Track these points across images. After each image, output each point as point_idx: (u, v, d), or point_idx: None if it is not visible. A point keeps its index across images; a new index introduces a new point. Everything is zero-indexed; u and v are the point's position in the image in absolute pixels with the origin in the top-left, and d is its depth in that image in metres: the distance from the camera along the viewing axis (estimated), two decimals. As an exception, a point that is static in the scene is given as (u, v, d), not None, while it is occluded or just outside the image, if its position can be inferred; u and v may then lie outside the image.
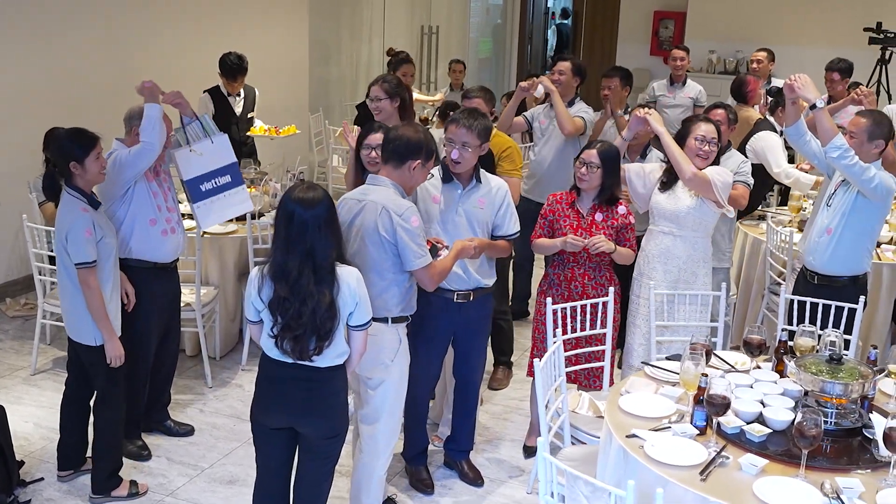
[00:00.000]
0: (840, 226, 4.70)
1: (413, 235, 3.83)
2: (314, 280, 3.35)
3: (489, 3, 15.20)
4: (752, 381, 3.79)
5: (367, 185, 4.01)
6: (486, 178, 4.41)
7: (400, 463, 4.73)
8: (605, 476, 3.44)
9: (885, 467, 3.19)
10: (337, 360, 3.51)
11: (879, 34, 9.55)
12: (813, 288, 4.81)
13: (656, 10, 13.64)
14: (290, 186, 3.57)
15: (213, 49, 8.17)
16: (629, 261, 4.73)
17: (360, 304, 3.47)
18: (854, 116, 4.80)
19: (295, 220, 3.36)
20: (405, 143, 3.93)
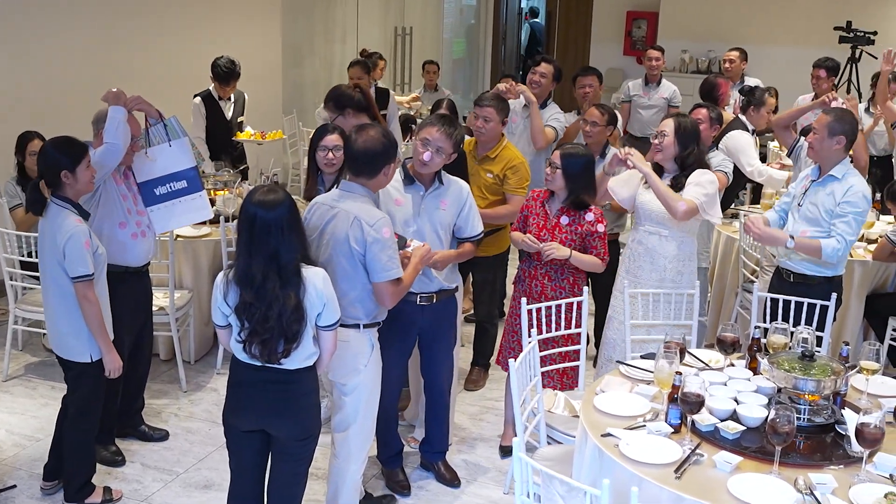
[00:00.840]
0: (814, 230, 4.71)
1: (383, 247, 3.77)
2: (279, 283, 3.33)
3: (463, 3, 15.21)
4: (726, 379, 3.80)
5: (340, 191, 3.96)
6: (448, 179, 4.39)
7: (376, 465, 4.72)
8: (581, 475, 3.45)
9: (858, 463, 3.21)
10: (306, 362, 3.50)
11: (849, 33, 9.64)
12: (789, 286, 4.83)
13: (629, 10, 13.70)
14: (251, 190, 3.54)
15: (185, 52, 8.16)
16: (595, 269, 4.71)
17: (328, 305, 3.45)
18: (821, 114, 4.84)
19: (257, 223, 3.34)
20: (372, 155, 3.85)
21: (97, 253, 4.15)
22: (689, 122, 4.90)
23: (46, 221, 4.12)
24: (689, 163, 4.82)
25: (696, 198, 4.70)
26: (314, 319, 3.45)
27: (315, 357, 3.53)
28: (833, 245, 4.60)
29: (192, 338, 5.97)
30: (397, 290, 3.87)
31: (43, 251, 4.16)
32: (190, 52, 8.04)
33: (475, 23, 15.29)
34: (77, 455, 4.33)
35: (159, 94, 7.74)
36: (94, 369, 4.25)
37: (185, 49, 8.23)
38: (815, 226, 4.71)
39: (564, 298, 4.62)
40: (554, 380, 4.74)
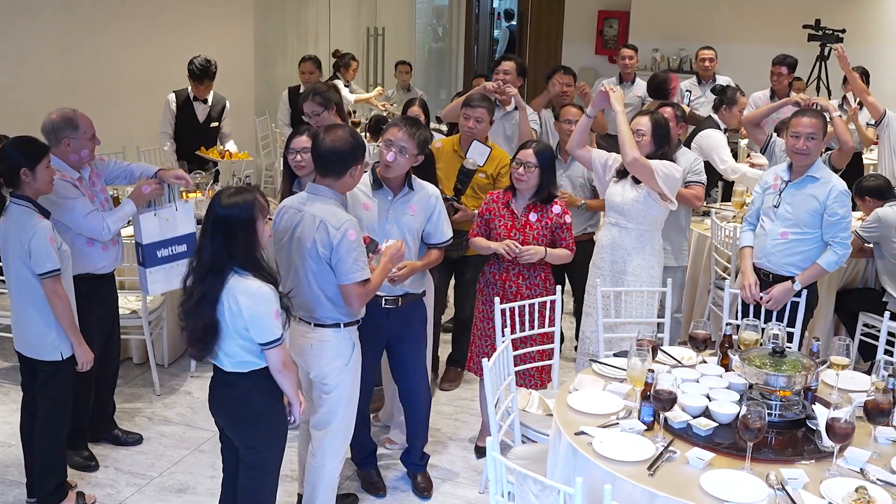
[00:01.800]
0: (796, 231, 4.75)
1: (349, 250, 3.75)
2: (198, 278, 3.37)
3: (435, 4, 15.21)
4: (698, 376, 3.83)
5: (307, 193, 3.93)
6: (418, 184, 4.37)
7: (351, 467, 4.71)
8: (555, 474, 3.46)
9: (829, 457, 3.24)
10: (239, 367, 3.46)
11: (818, 31, 9.71)
12: (766, 284, 4.86)
13: (600, 9, 13.74)
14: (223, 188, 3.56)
15: (156, 51, 8.09)
16: (565, 260, 4.72)
17: (253, 323, 3.36)
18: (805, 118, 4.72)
19: (209, 217, 3.37)
20: (339, 155, 3.83)
21: (61, 249, 4.13)
22: (663, 121, 4.94)
23: (8, 222, 4.10)
24: None
25: (654, 165, 4.73)
26: (242, 330, 3.38)
27: (252, 367, 3.46)
28: (831, 258, 4.70)
29: (166, 341, 5.93)
30: (365, 293, 3.85)
31: (7, 252, 4.13)
32: (160, 53, 7.97)
33: (448, 23, 15.30)
34: (46, 458, 4.28)
35: (129, 95, 7.75)
36: (65, 367, 4.22)
37: (156, 49, 8.17)
38: (794, 227, 4.75)
39: (539, 296, 4.62)
40: (529, 379, 4.75)
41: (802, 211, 4.73)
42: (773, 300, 4.76)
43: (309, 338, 3.92)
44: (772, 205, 4.83)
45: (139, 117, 7.59)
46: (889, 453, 3.33)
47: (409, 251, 4.31)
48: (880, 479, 3.13)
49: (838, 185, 4.69)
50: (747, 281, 4.85)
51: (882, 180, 5.98)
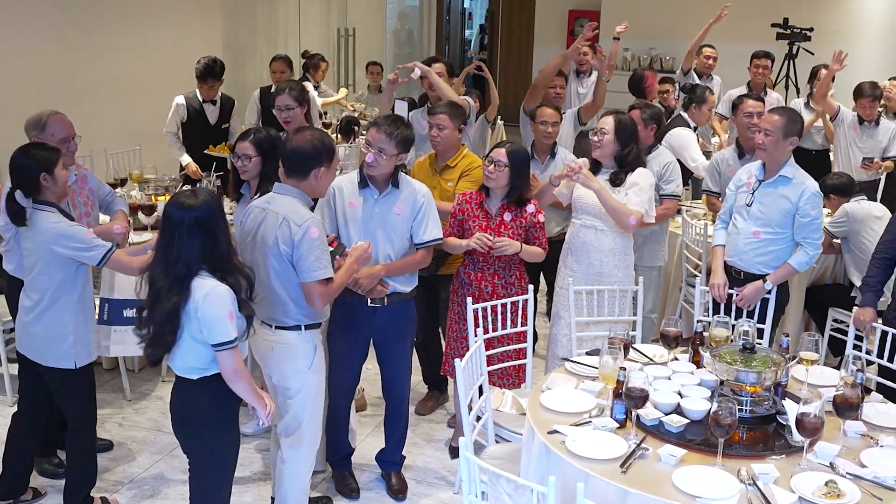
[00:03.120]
0: (768, 230, 4.78)
1: (311, 247, 3.72)
2: (167, 285, 3.31)
3: (406, 4, 15.19)
4: (670, 373, 3.84)
5: (272, 193, 3.92)
6: (406, 182, 4.34)
7: (327, 469, 4.70)
8: (529, 473, 3.46)
9: (799, 452, 3.26)
10: (189, 374, 3.42)
11: (786, 30, 9.81)
12: (739, 283, 4.89)
13: (571, 9, 13.79)
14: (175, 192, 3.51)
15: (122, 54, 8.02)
16: (539, 258, 4.71)
17: (204, 322, 3.32)
18: (767, 114, 4.88)
19: (167, 223, 3.34)
20: (301, 155, 3.82)
21: None
22: (628, 120, 4.94)
23: (32, 230, 4.04)
24: (628, 160, 4.86)
25: (641, 206, 4.78)
26: (196, 333, 3.35)
27: (201, 374, 3.43)
28: (802, 258, 4.73)
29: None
30: (327, 292, 3.82)
31: (33, 259, 4.06)
32: (127, 56, 7.91)
33: (418, 24, 15.29)
34: (83, 470, 4.30)
35: (93, 98, 7.67)
36: (81, 378, 4.18)
37: (122, 52, 8.10)
38: (767, 226, 4.77)
39: (515, 295, 4.62)
40: (502, 378, 4.75)
41: (774, 211, 4.75)
42: (744, 299, 4.78)
43: (270, 341, 3.89)
44: (745, 203, 4.85)
45: (104, 119, 7.52)
46: (858, 447, 3.36)
47: (394, 250, 4.29)
48: (850, 473, 3.16)
49: (811, 187, 4.72)
50: (717, 281, 4.87)
51: (846, 178, 6.05)
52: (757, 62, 8.25)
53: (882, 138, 7.15)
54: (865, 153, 7.15)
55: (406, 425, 4.68)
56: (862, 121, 7.18)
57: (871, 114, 7.12)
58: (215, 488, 3.64)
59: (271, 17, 11.06)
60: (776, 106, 7.92)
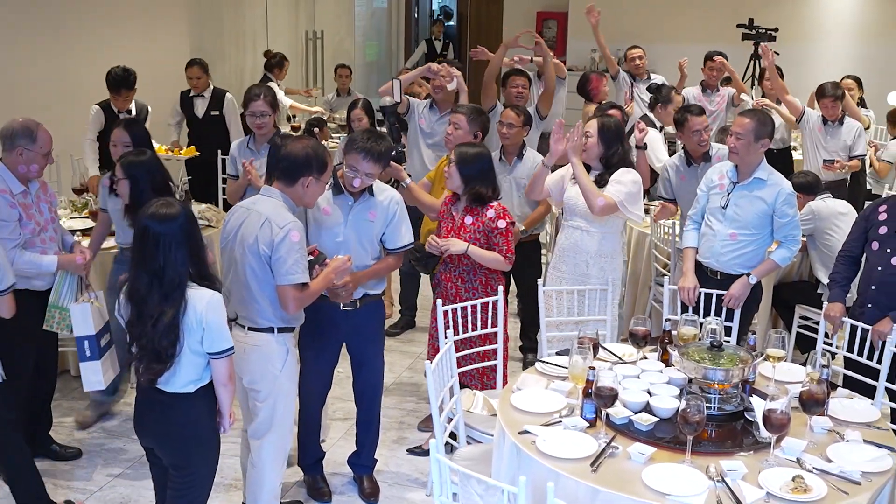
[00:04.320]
0: (745, 232, 4.82)
1: (290, 250, 3.72)
2: (159, 299, 3.26)
3: (374, 6, 15.17)
4: (639, 372, 3.87)
5: (259, 194, 3.94)
6: (379, 189, 4.34)
7: (298, 473, 4.68)
8: (500, 473, 3.47)
9: (767, 448, 3.29)
10: (186, 388, 3.38)
11: (752, 30, 9.89)
12: (715, 283, 4.91)
13: (539, 10, 13.83)
14: (147, 203, 3.46)
15: (88, 61, 7.95)
16: (498, 266, 4.65)
17: (209, 331, 3.32)
18: (738, 117, 4.92)
19: (146, 236, 3.28)
20: (293, 161, 3.83)
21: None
22: (612, 122, 4.96)
23: None
24: (613, 161, 4.89)
25: (616, 195, 4.77)
26: (195, 345, 3.33)
27: (198, 385, 3.41)
28: (785, 254, 4.80)
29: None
30: (301, 297, 3.81)
31: None
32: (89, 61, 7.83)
33: (387, 26, 15.27)
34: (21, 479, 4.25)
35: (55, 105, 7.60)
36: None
37: (84, 58, 8.02)
38: (743, 228, 4.81)
39: (476, 299, 4.63)
40: (474, 380, 4.76)
41: (750, 213, 4.79)
42: (732, 298, 4.80)
43: (242, 342, 3.88)
44: (719, 205, 4.87)
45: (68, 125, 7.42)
46: (825, 442, 3.40)
47: (367, 257, 4.30)
48: (816, 468, 3.19)
49: (786, 188, 4.77)
50: (686, 284, 4.89)
51: (811, 177, 6.12)
52: (711, 64, 8.36)
53: (846, 137, 7.23)
54: (831, 153, 7.23)
55: (378, 428, 4.68)
56: (826, 121, 7.26)
57: (833, 114, 7.21)
58: (200, 501, 3.62)
59: (238, 21, 10.99)
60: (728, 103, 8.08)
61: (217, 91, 7.85)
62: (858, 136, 7.24)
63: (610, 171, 4.87)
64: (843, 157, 7.22)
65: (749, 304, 4.89)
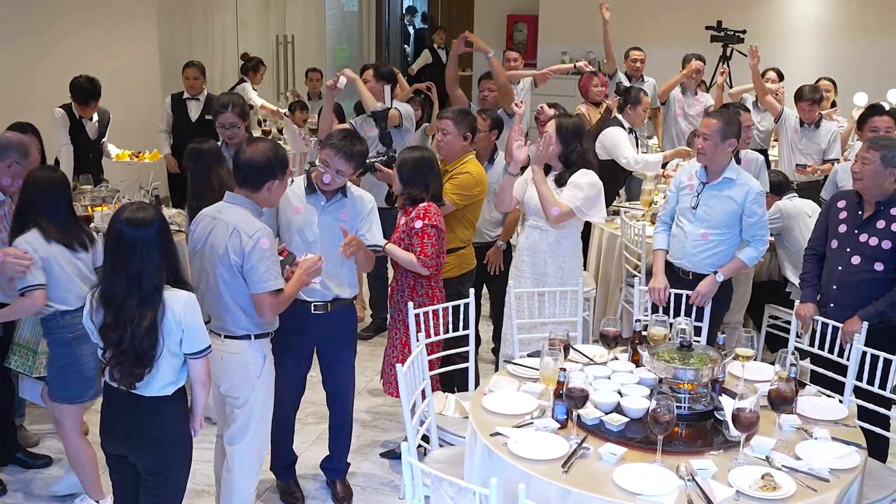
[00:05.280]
0: (716, 232, 4.86)
1: (262, 258, 3.72)
2: (138, 303, 3.26)
3: (345, 10, 15.15)
4: (610, 373, 3.89)
5: (223, 202, 3.90)
6: (352, 191, 4.35)
7: (271, 478, 4.66)
8: (472, 475, 3.47)
9: (736, 447, 3.32)
10: (164, 391, 3.39)
11: (720, 32, 9.98)
12: (688, 283, 4.95)
13: (509, 13, 13.88)
14: (120, 207, 3.45)
15: (55, 65, 7.87)
16: (414, 268, 4.58)
17: (188, 332, 3.34)
18: (704, 118, 4.96)
19: (123, 240, 3.27)
20: (255, 167, 3.80)
21: None
22: (570, 122, 4.97)
23: None
24: (572, 160, 4.90)
25: (571, 202, 4.78)
26: (174, 346, 3.34)
27: (176, 387, 3.42)
28: (753, 253, 4.85)
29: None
30: (277, 303, 3.81)
31: None
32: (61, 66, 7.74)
33: (358, 29, 15.25)
34: None
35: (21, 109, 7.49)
36: None
37: (53, 62, 7.94)
38: (714, 228, 4.85)
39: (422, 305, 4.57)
40: (445, 383, 4.76)
41: (721, 212, 4.83)
42: (700, 296, 4.84)
43: (219, 350, 3.86)
44: (690, 206, 4.91)
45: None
46: (793, 440, 3.43)
47: (339, 257, 4.27)
48: (785, 466, 3.22)
49: (755, 187, 4.82)
50: (657, 285, 4.93)
51: (781, 177, 6.18)
52: (694, 65, 8.48)
53: (822, 140, 7.31)
54: (805, 155, 7.31)
55: (350, 432, 4.67)
56: (802, 123, 7.33)
57: (811, 116, 7.29)
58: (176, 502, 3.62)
59: (207, 26, 10.94)
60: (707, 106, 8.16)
61: (211, 96, 7.76)
62: (833, 140, 7.32)
63: (570, 169, 4.90)
64: (816, 160, 7.30)
65: (720, 303, 4.93)
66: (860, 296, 4.47)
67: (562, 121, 4.95)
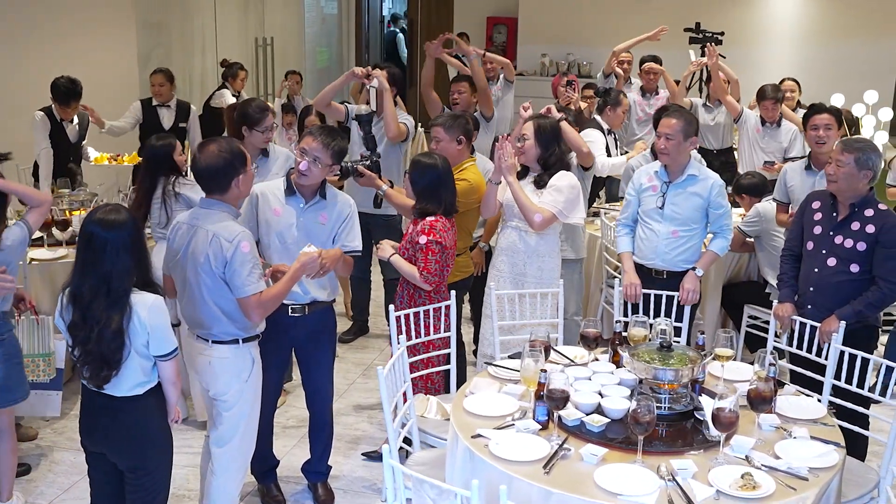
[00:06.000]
0: (685, 228, 4.94)
1: (243, 262, 3.70)
2: (105, 305, 3.28)
3: (324, 13, 15.12)
4: (590, 374, 3.90)
5: (198, 208, 3.87)
6: (332, 193, 4.33)
7: (252, 481, 4.65)
8: (454, 477, 3.47)
9: (716, 446, 3.34)
10: (134, 391, 3.41)
11: (698, 34, 10.07)
12: (662, 283, 4.99)
13: (489, 15, 13.90)
14: (92, 209, 3.45)
15: (34, 68, 7.83)
16: (415, 282, 4.55)
17: (154, 334, 3.37)
18: (664, 118, 5.00)
19: (93, 242, 3.29)
20: (216, 171, 3.75)
21: None
22: (548, 124, 4.98)
23: None
24: (551, 162, 4.91)
25: (553, 206, 4.80)
26: (141, 347, 3.37)
27: (147, 386, 3.45)
28: (722, 244, 4.98)
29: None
30: (265, 303, 3.79)
31: None
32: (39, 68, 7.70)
33: (337, 32, 15.22)
34: None
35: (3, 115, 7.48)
36: None
37: (31, 65, 7.90)
38: (683, 225, 4.94)
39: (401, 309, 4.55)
40: (427, 385, 4.75)
41: (688, 209, 4.92)
42: (689, 293, 4.91)
43: (207, 355, 3.86)
44: (656, 206, 4.97)
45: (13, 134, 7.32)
46: (773, 439, 3.45)
47: None
48: (765, 465, 3.24)
49: (717, 180, 4.95)
50: (631, 280, 4.97)
51: (759, 178, 6.22)
52: (646, 67, 8.55)
53: (783, 139, 7.38)
54: (767, 154, 7.38)
55: (331, 435, 4.66)
56: (764, 122, 7.41)
57: (772, 115, 7.36)
58: (161, 500, 3.63)
59: (186, 29, 10.89)
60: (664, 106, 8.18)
61: (182, 103, 7.75)
62: (794, 139, 7.39)
63: (549, 172, 4.91)
64: (778, 158, 7.37)
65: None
66: (837, 297, 4.51)
67: (540, 122, 4.96)
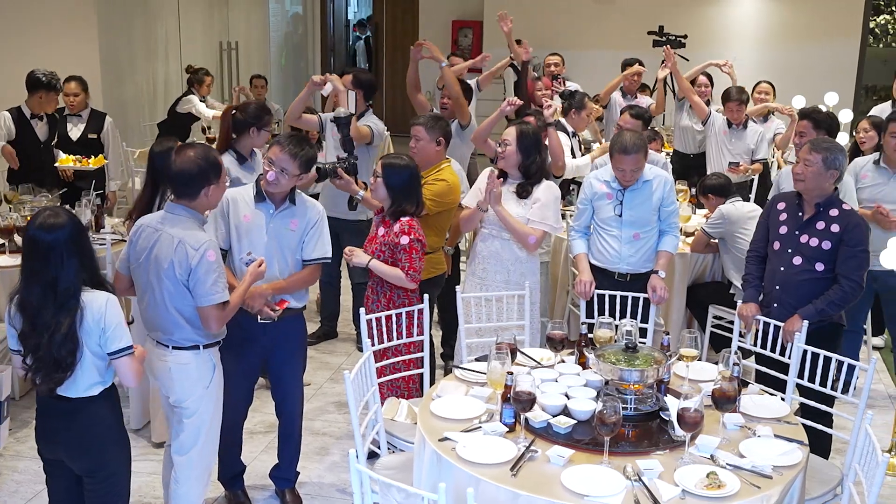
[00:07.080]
0: (645, 229, 5.02)
1: (208, 271, 3.67)
2: (54, 310, 3.25)
3: (289, 16, 15.08)
4: (557, 376, 3.91)
5: (165, 212, 3.84)
6: (301, 199, 4.31)
7: (219, 488, 4.62)
8: (422, 481, 3.47)
9: (682, 446, 3.36)
10: (89, 391, 3.38)
11: (662, 37, 10.12)
12: (625, 285, 5.03)
13: (454, 18, 13.92)
14: (34, 213, 3.41)
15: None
16: (402, 283, 4.57)
17: (108, 330, 3.33)
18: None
19: (36, 247, 3.26)
20: (189, 177, 3.74)
21: None
22: (530, 130, 4.99)
23: None
24: (532, 171, 4.93)
25: (544, 224, 4.88)
26: (95, 347, 3.33)
27: (102, 387, 3.41)
28: (674, 241, 5.11)
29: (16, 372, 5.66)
30: (223, 315, 3.78)
31: None
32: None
33: (303, 35, 15.19)
34: None
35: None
36: None
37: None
38: (643, 227, 5.03)
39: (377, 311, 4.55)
40: (400, 389, 4.74)
41: (646, 210, 5.02)
42: (659, 294, 4.96)
43: (167, 361, 3.83)
44: (614, 213, 5.04)
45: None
46: (737, 438, 3.48)
47: (287, 266, 4.25)
48: (730, 464, 3.27)
49: (668, 177, 5.11)
50: (584, 278, 5.04)
51: (724, 179, 6.28)
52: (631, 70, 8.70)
53: (750, 141, 7.48)
54: (734, 155, 7.47)
55: (299, 441, 4.64)
56: (730, 124, 7.49)
57: (738, 117, 7.45)
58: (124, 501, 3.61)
59: (150, 32, 10.82)
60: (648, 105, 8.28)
61: (96, 113, 7.32)
62: (761, 141, 7.49)
63: (530, 181, 4.92)
64: (745, 160, 7.47)
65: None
66: (802, 295, 4.56)
67: (522, 128, 4.97)
